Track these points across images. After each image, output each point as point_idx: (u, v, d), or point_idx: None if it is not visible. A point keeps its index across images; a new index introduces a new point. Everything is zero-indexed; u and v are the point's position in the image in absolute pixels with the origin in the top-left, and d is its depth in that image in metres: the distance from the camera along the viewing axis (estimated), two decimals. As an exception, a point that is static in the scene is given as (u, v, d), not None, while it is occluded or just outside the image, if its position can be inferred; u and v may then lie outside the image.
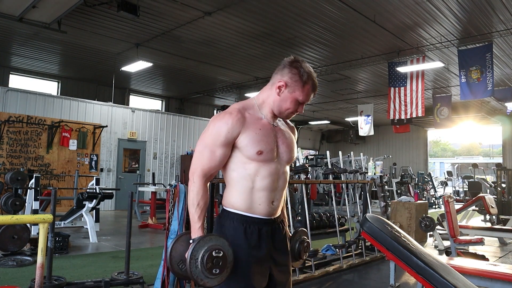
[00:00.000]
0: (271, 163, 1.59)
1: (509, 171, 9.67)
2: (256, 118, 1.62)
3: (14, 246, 4.82)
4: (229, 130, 1.54)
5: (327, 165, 7.58)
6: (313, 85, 1.62)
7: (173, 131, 12.48)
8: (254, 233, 1.56)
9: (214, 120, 1.59)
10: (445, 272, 1.76)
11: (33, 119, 9.44)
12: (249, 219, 1.56)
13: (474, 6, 6.76)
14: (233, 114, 1.57)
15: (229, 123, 1.55)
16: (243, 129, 1.56)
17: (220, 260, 1.44)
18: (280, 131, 1.68)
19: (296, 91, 1.60)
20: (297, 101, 1.63)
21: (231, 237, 1.54)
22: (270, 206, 1.59)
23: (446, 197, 4.77)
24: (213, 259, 1.42)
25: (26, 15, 6.55)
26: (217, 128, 1.56)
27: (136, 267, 4.48)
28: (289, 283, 1.69)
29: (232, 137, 1.55)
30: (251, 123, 1.59)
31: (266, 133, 1.60)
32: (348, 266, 4.79)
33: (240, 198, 1.57)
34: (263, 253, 1.57)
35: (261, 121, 1.62)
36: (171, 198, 3.41)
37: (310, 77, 1.61)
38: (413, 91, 9.59)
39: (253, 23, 7.70)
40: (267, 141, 1.58)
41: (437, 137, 43.68)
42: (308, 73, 1.60)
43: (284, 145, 1.66)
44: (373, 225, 1.91)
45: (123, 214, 9.64)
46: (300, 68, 1.60)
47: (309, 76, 1.60)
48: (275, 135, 1.64)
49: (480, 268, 3.13)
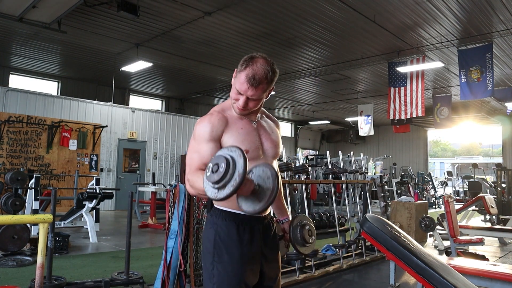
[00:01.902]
0: (258, 161, 1.60)
1: (509, 171, 9.67)
2: (236, 118, 1.63)
3: (14, 246, 4.82)
4: (212, 128, 1.56)
5: (327, 165, 7.57)
6: (249, 75, 1.53)
7: (173, 131, 12.48)
8: (247, 230, 1.57)
9: (197, 125, 1.60)
10: (445, 272, 1.76)
11: (33, 119, 9.44)
12: (241, 217, 1.57)
13: (474, 6, 6.76)
14: (213, 114, 1.60)
15: (212, 121, 1.57)
16: (226, 129, 1.58)
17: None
18: (262, 128, 1.69)
19: (236, 80, 1.58)
20: (237, 91, 1.58)
21: (223, 235, 1.55)
22: None
23: (446, 197, 4.77)
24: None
25: (26, 15, 6.55)
26: (201, 130, 1.57)
27: (136, 267, 4.48)
28: (278, 278, 1.72)
29: (217, 134, 1.56)
30: (233, 123, 1.60)
31: (248, 131, 1.62)
32: (348, 266, 4.79)
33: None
34: (255, 250, 1.58)
35: (241, 121, 1.63)
36: (171, 198, 3.41)
37: (249, 67, 1.53)
38: (413, 91, 9.59)
39: (253, 23, 7.70)
40: (250, 139, 1.60)
41: (437, 137, 43.69)
42: (250, 64, 1.54)
43: (268, 141, 1.68)
44: (373, 225, 1.91)
45: (123, 214, 9.64)
46: (249, 59, 1.56)
47: (249, 66, 1.54)
48: (257, 133, 1.65)
49: (480, 268, 3.13)
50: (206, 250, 1.60)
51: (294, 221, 1.83)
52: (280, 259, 1.76)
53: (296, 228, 1.80)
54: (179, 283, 3.20)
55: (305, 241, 1.79)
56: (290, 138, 19.97)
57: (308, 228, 1.82)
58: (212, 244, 1.57)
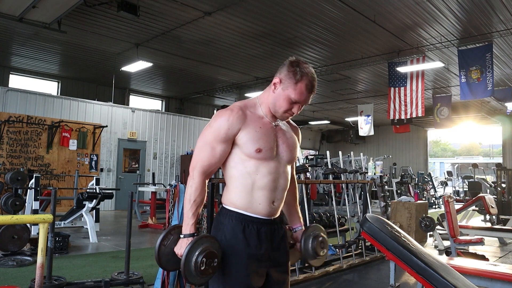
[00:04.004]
0: (270, 162, 1.59)
1: (509, 171, 9.66)
2: (257, 116, 1.63)
3: (14, 246, 4.82)
4: (229, 126, 1.55)
5: (327, 165, 7.58)
6: (308, 85, 1.58)
7: (173, 131, 12.48)
8: (253, 232, 1.56)
9: (216, 117, 1.60)
10: (445, 272, 1.76)
11: (33, 119, 9.44)
12: (248, 218, 1.56)
13: (474, 6, 6.76)
14: (234, 111, 1.58)
15: (230, 119, 1.56)
16: (243, 127, 1.57)
17: (212, 262, 1.47)
18: (281, 131, 1.68)
19: (289, 89, 1.58)
20: (289, 99, 1.59)
21: (229, 236, 1.55)
22: (270, 206, 1.59)
23: (446, 197, 4.77)
24: (206, 260, 1.45)
25: (26, 15, 6.55)
26: (218, 125, 1.56)
27: (136, 267, 4.48)
28: (287, 282, 1.68)
29: (232, 133, 1.56)
30: (252, 121, 1.59)
31: (266, 131, 1.60)
32: (348, 266, 4.79)
33: (240, 196, 1.57)
34: (261, 252, 1.56)
35: (261, 120, 1.63)
36: (171, 198, 3.41)
37: (306, 77, 1.58)
38: (413, 91, 9.59)
39: (253, 23, 7.70)
40: (266, 139, 1.59)
41: (437, 137, 43.73)
42: (304, 73, 1.58)
43: (284, 145, 1.66)
44: (373, 225, 1.91)
45: (123, 214, 9.64)
46: (297, 67, 1.59)
47: (304, 75, 1.57)
48: (275, 134, 1.64)
49: (480, 268, 3.13)
50: None
51: (307, 231, 1.77)
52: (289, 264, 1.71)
53: (308, 239, 1.73)
54: (179, 283, 3.20)
55: (316, 253, 1.72)
56: (290, 138, 19.93)
57: (321, 240, 1.74)
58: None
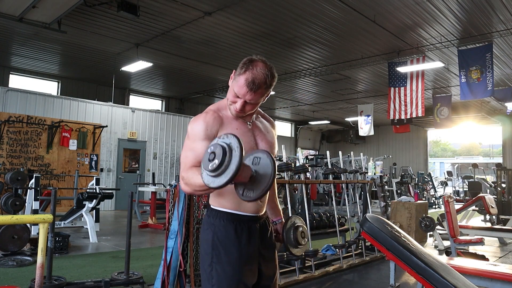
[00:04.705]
0: None
1: (509, 171, 9.66)
2: (231, 118, 1.62)
3: (14, 246, 4.82)
4: (207, 127, 1.54)
5: (327, 165, 7.58)
6: (248, 79, 1.52)
7: (173, 131, 12.48)
8: (244, 230, 1.57)
9: (192, 123, 1.58)
10: (445, 272, 1.76)
11: (33, 119, 9.44)
12: (239, 217, 1.57)
13: (474, 6, 6.76)
14: (208, 113, 1.59)
15: (206, 120, 1.55)
16: (221, 129, 1.56)
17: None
18: (257, 129, 1.69)
19: (235, 83, 1.56)
20: (236, 96, 1.56)
21: (221, 236, 1.55)
22: (257, 202, 1.60)
23: (446, 197, 4.77)
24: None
25: (26, 15, 6.55)
26: (194, 129, 1.55)
27: (136, 267, 4.48)
28: (276, 276, 1.72)
29: (211, 133, 1.54)
30: (228, 123, 1.59)
31: (243, 132, 1.61)
32: (348, 266, 4.79)
33: (228, 196, 1.57)
34: (253, 250, 1.58)
35: (236, 121, 1.62)
36: (171, 198, 3.41)
37: (250, 71, 1.52)
38: (413, 91, 9.59)
39: (253, 23, 7.70)
40: (245, 140, 1.58)
41: (437, 137, 43.72)
42: (250, 68, 1.53)
43: (263, 142, 1.67)
44: (373, 225, 1.91)
45: (123, 214, 9.64)
46: (249, 63, 1.54)
47: (249, 70, 1.52)
48: (252, 133, 1.65)
49: (480, 268, 3.13)
50: (204, 251, 1.59)
51: (288, 223, 1.84)
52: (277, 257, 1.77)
53: (290, 230, 1.81)
54: (179, 283, 3.20)
55: (298, 242, 1.81)
56: (290, 138, 19.96)
57: (301, 230, 1.84)
58: (210, 245, 1.56)
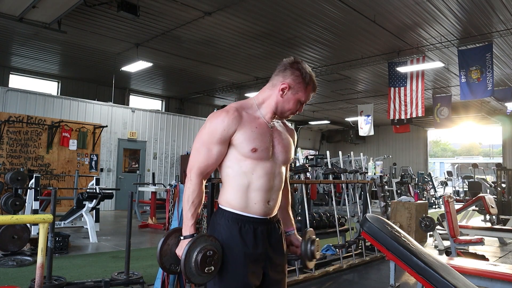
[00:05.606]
0: (266, 162, 1.60)
1: (509, 171, 9.66)
2: (254, 117, 1.64)
3: (14, 246, 4.82)
4: (225, 128, 1.56)
5: (327, 165, 7.58)
6: (314, 85, 1.68)
7: (173, 131, 12.48)
8: (249, 232, 1.57)
9: (211, 118, 1.60)
10: (445, 272, 1.76)
11: (33, 119, 9.44)
12: (244, 218, 1.57)
13: (474, 6, 6.76)
14: (229, 112, 1.58)
15: (225, 121, 1.56)
16: (239, 127, 1.57)
17: (212, 260, 1.50)
18: (277, 132, 1.69)
19: (299, 92, 1.65)
20: (299, 102, 1.68)
21: (225, 236, 1.55)
22: (266, 205, 1.60)
23: (446, 197, 4.77)
24: (206, 258, 1.48)
25: (26, 15, 6.55)
26: (213, 126, 1.57)
27: (136, 267, 4.48)
28: (283, 283, 1.70)
29: (228, 134, 1.56)
30: (248, 122, 1.60)
31: (262, 131, 1.61)
32: (348, 266, 4.79)
33: (236, 196, 1.58)
34: (258, 252, 1.57)
35: (258, 120, 1.64)
36: (171, 198, 3.41)
37: (311, 78, 1.66)
38: (413, 91, 9.59)
39: (253, 23, 7.70)
40: (262, 139, 1.60)
41: (437, 137, 43.71)
42: (310, 74, 1.65)
43: (280, 146, 1.67)
44: (373, 225, 1.91)
45: (123, 214, 9.64)
46: (302, 69, 1.64)
47: (311, 77, 1.65)
48: (271, 134, 1.65)
49: (480, 268, 3.13)
50: None
51: (306, 236, 1.84)
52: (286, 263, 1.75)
53: (307, 244, 1.82)
54: (179, 283, 3.20)
55: (313, 256, 1.82)
56: (290, 138, 19.93)
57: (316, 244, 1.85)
58: None
